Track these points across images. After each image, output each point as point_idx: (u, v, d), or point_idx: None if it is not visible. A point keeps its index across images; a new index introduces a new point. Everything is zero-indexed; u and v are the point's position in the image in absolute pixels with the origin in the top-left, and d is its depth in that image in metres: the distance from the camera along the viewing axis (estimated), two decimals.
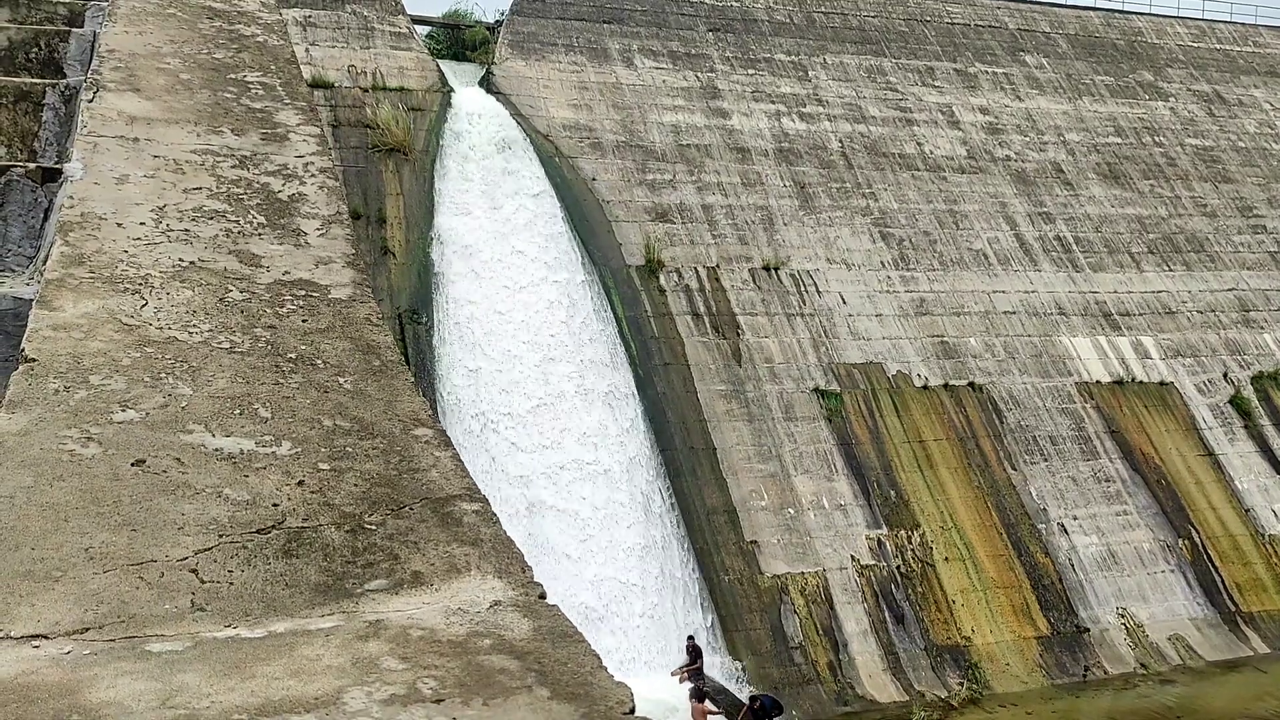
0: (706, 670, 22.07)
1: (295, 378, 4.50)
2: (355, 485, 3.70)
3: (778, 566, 24.19)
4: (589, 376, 25.71)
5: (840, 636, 23.58)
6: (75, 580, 3.02)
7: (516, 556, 3.30)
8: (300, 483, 3.66)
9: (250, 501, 3.50)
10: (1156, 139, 38.29)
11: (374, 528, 3.43)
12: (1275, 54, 44.60)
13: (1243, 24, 45.83)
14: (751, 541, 24.36)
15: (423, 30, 33.80)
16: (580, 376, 25.64)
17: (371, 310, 5.31)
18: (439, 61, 31.84)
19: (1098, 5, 43.27)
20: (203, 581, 3.06)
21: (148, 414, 4.00)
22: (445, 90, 30.29)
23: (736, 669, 22.57)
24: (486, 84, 31.18)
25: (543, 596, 3.09)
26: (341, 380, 4.56)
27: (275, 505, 3.49)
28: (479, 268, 26.68)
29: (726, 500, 24.82)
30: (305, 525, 3.40)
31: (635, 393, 25.82)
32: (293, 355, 4.69)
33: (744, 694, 21.53)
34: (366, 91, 29.36)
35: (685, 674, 21.76)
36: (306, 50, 29.33)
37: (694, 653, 22.13)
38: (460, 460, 3.97)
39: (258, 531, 3.33)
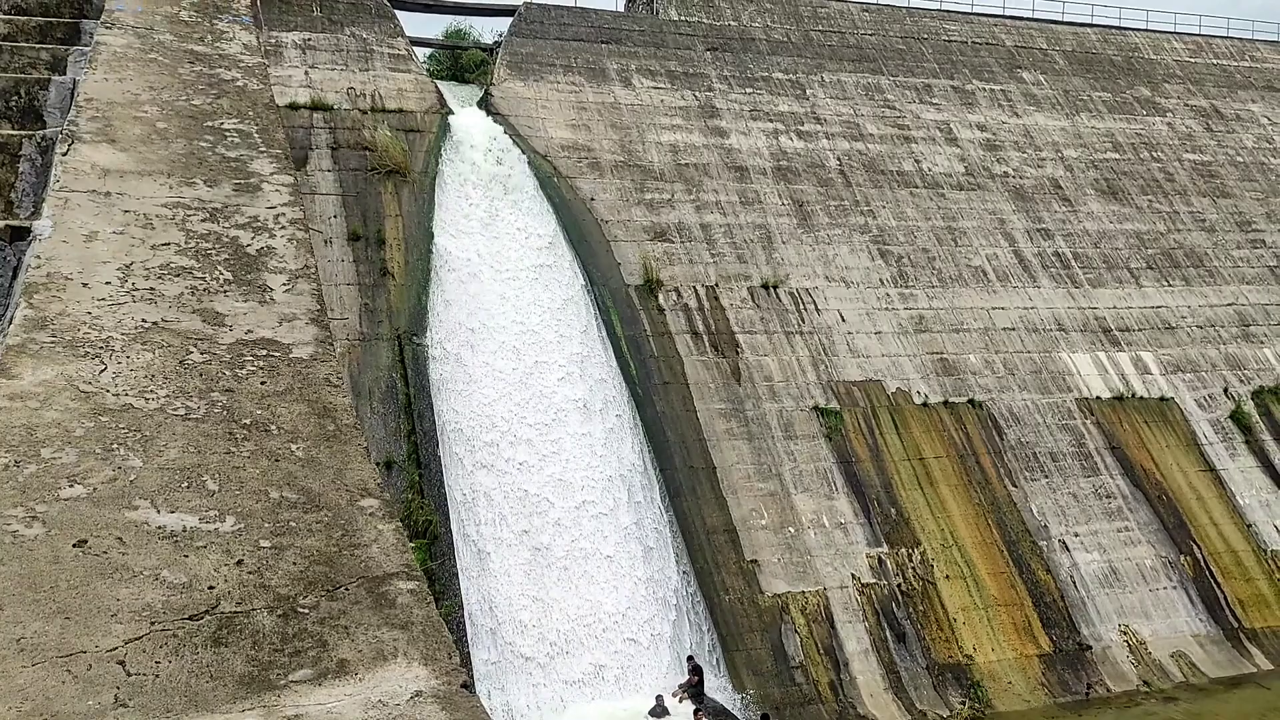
0: (707, 691, 22.07)
1: (248, 445, 4.55)
2: (294, 564, 3.74)
3: (778, 585, 24.18)
4: (587, 395, 25.77)
5: (841, 656, 23.55)
6: (3, 675, 3.07)
7: (444, 642, 3.34)
8: (239, 562, 3.71)
9: (187, 584, 3.54)
10: (1154, 154, 38.26)
11: (307, 611, 3.48)
12: (1272, 68, 44.58)
13: (1240, 39, 45.83)
14: (752, 561, 24.35)
15: (423, 52, 33.96)
16: (578, 395, 25.69)
17: (331, 370, 5.35)
18: (438, 83, 32.00)
19: (1095, 22, 43.30)
20: (129, 674, 3.10)
21: (95, 489, 4.05)
22: (444, 111, 30.41)
23: (735, 694, 22.52)
24: (485, 105, 31.31)
25: (466, 685, 3.12)
26: (293, 447, 4.61)
27: (211, 588, 3.54)
28: (478, 288, 26.78)
29: (726, 519, 24.82)
30: (238, 610, 3.45)
31: (634, 411, 25.85)
32: (247, 421, 4.74)
33: (743, 713, 21.53)
34: (366, 113, 29.50)
35: (685, 693, 21.78)
36: (305, 73, 29.49)
37: (695, 671, 22.15)
38: (402, 534, 4.02)
39: (190, 618, 3.37)
